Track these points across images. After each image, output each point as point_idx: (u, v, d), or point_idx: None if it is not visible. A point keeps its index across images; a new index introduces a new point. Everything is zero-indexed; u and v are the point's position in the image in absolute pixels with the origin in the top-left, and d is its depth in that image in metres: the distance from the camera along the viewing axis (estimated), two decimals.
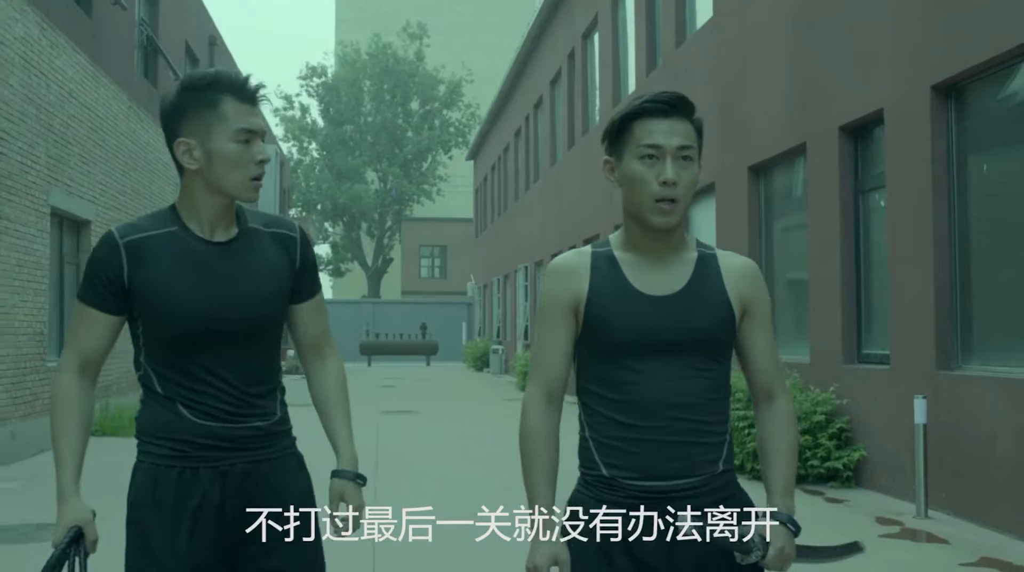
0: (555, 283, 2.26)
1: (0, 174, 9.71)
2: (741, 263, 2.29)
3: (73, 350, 2.37)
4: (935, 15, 7.49)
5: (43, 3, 10.96)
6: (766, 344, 2.28)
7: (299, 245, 2.46)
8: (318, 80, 51.50)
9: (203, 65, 20.84)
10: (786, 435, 2.25)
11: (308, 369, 2.57)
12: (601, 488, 2.19)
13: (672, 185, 2.12)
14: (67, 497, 2.27)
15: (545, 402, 2.26)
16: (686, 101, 2.20)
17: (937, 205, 7.47)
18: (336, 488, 2.43)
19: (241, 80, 2.31)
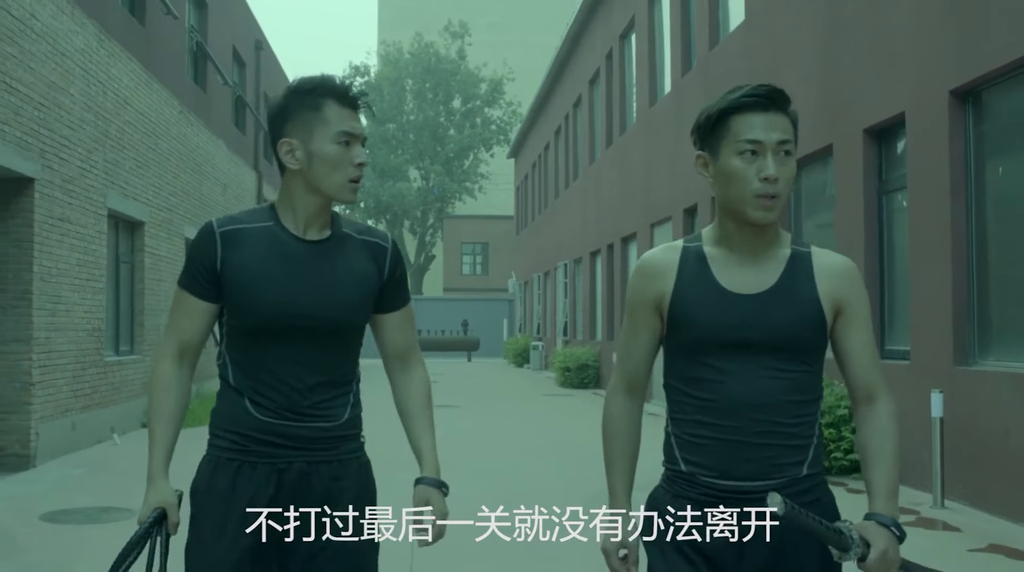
0: (640, 281, 2.26)
1: (62, 179, 10.27)
2: (836, 262, 2.22)
3: (172, 336, 2.43)
4: (952, 22, 7.74)
5: (101, 15, 11.52)
6: (863, 345, 2.20)
7: (389, 256, 2.50)
8: (361, 79, 52.10)
9: (250, 69, 21.46)
10: (888, 438, 2.18)
11: (393, 378, 2.62)
12: (680, 484, 2.20)
13: (774, 181, 2.08)
14: (156, 479, 2.34)
15: (626, 392, 2.31)
16: (783, 94, 2.14)
17: (955, 206, 7.73)
18: (421, 494, 2.46)
19: (344, 86, 2.39)
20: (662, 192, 16.48)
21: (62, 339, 10.36)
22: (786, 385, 2.12)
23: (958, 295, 7.70)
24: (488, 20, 63.07)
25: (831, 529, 1.96)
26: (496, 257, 50.38)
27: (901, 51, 8.51)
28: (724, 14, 13.98)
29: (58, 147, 10.16)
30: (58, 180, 10.17)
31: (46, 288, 9.86)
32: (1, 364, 9.53)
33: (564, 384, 21.70)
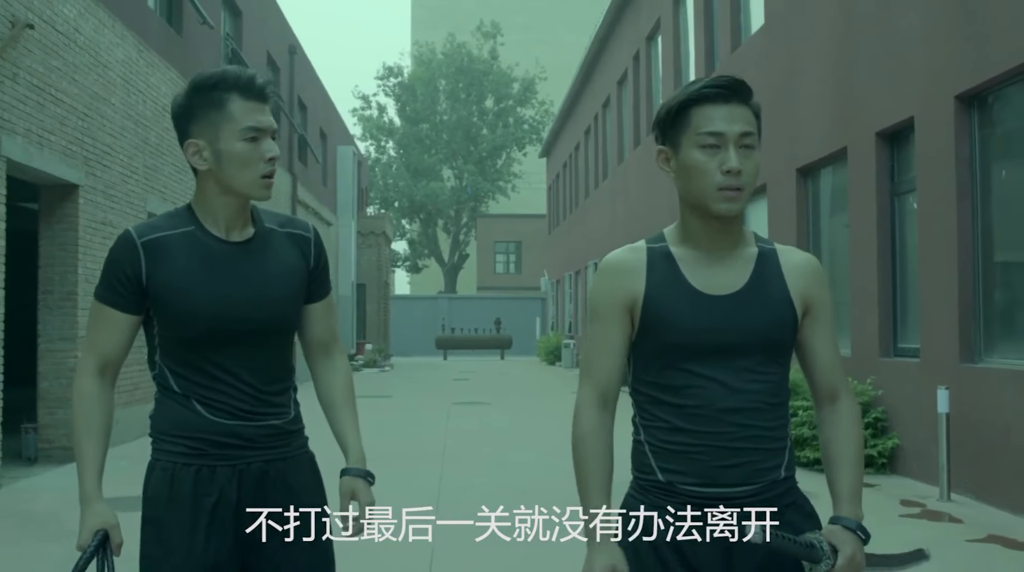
0: (609, 281, 2.15)
1: (105, 185, 10.75)
2: (803, 259, 2.18)
3: (92, 351, 2.36)
4: (958, 28, 7.96)
5: (140, 27, 11.99)
6: (828, 344, 2.17)
7: (313, 245, 2.47)
8: (394, 80, 52.68)
9: (284, 74, 21.96)
10: (851, 438, 2.14)
11: (315, 369, 2.58)
12: (657, 494, 2.11)
13: (736, 174, 2.01)
14: (91, 501, 2.27)
15: (598, 406, 2.15)
16: (744, 85, 2.08)
17: (961, 208, 7.95)
18: (346, 485, 2.42)
19: (247, 77, 2.29)
20: None
21: None
22: (764, 388, 2.07)
23: (964, 295, 7.92)
24: (520, 20, 63.40)
25: (804, 544, 1.96)
26: (529, 256, 50.74)
27: (910, 56, 8.74)
28: (745, 17, 14.21)
29: (101, 155, 10.64)
30: (101, 186, 10.65)
31: (90, 289, 10.34)
32: (49, 361, 10.03)
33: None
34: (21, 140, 8.71)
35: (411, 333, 41.19)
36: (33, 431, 9.90)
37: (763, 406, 2.07)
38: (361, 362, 28.89)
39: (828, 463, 2.16)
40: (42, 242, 10.09)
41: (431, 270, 56.89)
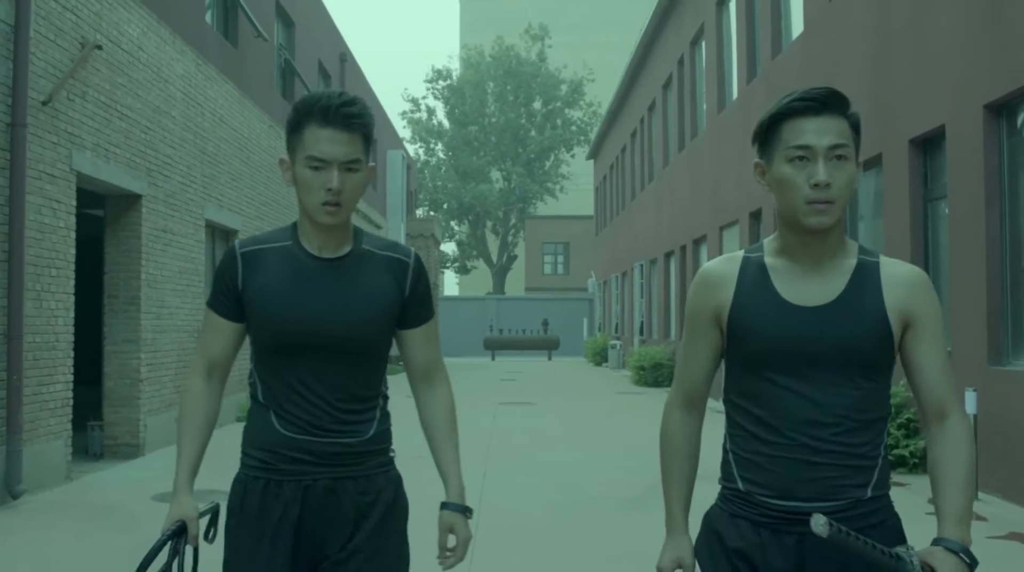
0: (700, 292, 2.20)
1: (165, 194, 11.29)
2: (906, 272, 2.12)
3: (201, 354, 2.49)
4: (988, 38, 8.15)
5: (198, 42, 12.54)
6: (934, 359, 2.09)
7: (411, 272, 2.48)
8: (443, 83, 53.23)
9: (334, 81, 22.50)
10: (961, 458, 2.06)
11: (417, 396, 2.60)
12: (737, 503, 2.13)
13: (825, 187, 2.00)
14: (179, 492, 2.37)
15: (684, 407, 2.25)
16: (838, 97, 2.07)
17: (990, 214, 8.15)
18: (445, 520, 2.47)
19: (324, 104, 2.31)
20: (730, 196, 16.94)
21: (166, 340, 11.38)
22: (849, 402, 2.04)
23: (992, 299, 8.11)
24: (568, 21, 63.68)
25: (887, 554, 1.86)
26: (577, 257, 51.00)
27: (941, 65, 8.94)
28: (787, 24, 14.41)
29: (162, 165, 11.18)
30: (162, 195, 11.19)
31: (152, 293, 10.88)
32: (113, 362, 10.58)
33: (639, 382, 22.25)
34: (90, 154, 9.25)
35: (460, 334, 41.65)
36: (99, 428, 10.45)
37: (847, 421, 2.03)
38: None
39: (934, 483, 2.07)
40: (107, 249, 10.64)
41: (480, 271, 57.37)
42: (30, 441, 8.14)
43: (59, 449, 8.75)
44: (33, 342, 8.23)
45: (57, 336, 8.74)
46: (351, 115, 2.31)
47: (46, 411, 8.52)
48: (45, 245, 8.46)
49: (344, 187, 2.31)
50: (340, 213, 2.34)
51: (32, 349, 8.21)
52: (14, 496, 7.78)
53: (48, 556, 6.20)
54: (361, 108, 2.34)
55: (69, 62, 8.77)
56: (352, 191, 2.34)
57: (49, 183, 8.47)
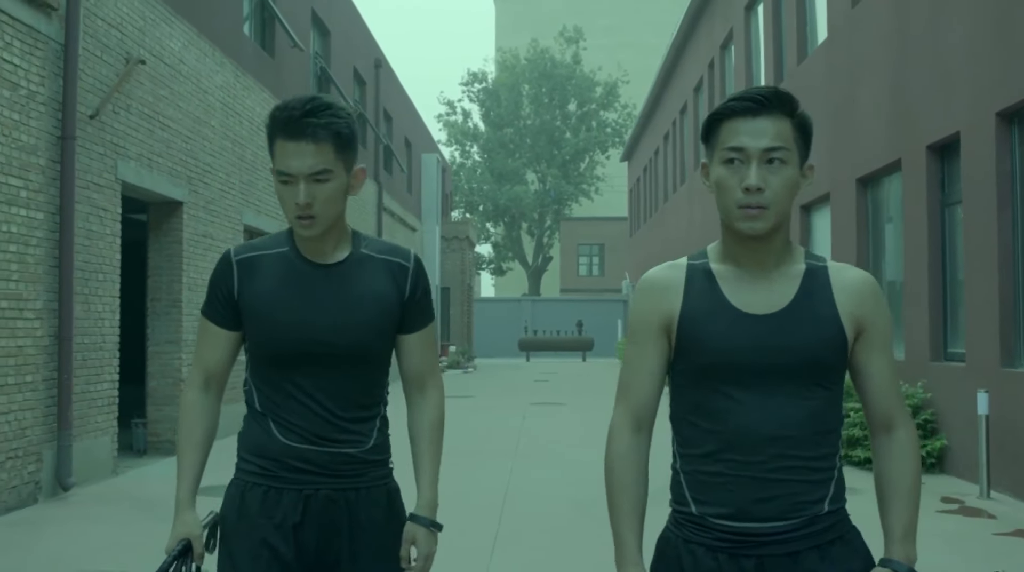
0: (645, 300, 2.07)
1: (205, 201, 11.74)
2: (856, 277, 2.03)
3: (197, 365, 2.42)
4: (1000, 47, 8.34)
5: (236, 53, 12.98)
6: (884, 368, 2.02)
7: (411, 275, 2.42)
8: (479, 86, 53.70)
9: (369, 87, 22.94)
10: (907, 471, 1.99)
11: (408, 401, 2.53)
12: (690, 527, 2.00)
13: (756, 191, 1.91)
14: (182, 510, 2.31)
15: (632, 429, 2.07)
16: (780, 96, 1.96)
17: (1002, 220, 8.34)
18: (408, 532, 2.40)
19: (284, 116, 2.23)
20: None
21: None
22: (807, 413, 1.94)
23: (1005, 302, 8.30)
24: (604, 23, 63.89)
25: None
26: (612, 258, 51.19)
27: (956, 73, 9.13)
28: (812, 30, 14.60)
29: (202, 173, 11.63)
30: (202, 202, 11.63)
31: (192, 296, 11.32)
32: (156, 363, 11.03)
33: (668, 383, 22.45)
34: (134, 164, 9.70)
35: (495, 335, 42.00)
36: (142, 426, 10.91)
37: (805, 433, 1.93)
38: (445, 364, 29.81)
39: (880, 497, 2.01)
40: (150, 254, 11.10)
41: (515, 273, 57.72)
42: (79, 437, 8.58)
43: (106, 445, 9.20)
44: (82, 343, 8.67)
45: (104, 337, 9.19)
46: (316, 125, 2.20)
47: (94, 408, 8.97)
48: (93, 251, 8.90)
49: (315, 199, 2.23)
50: (314, 225, 2.26)
51: (81, 350, 8.65)
52: (65, 488, 8.22)
53: (97, 544, 6.61)
54: (329, 116, 2.23)
55: (115, 77, 9.22)
56: (325, 202, 2.25)
57: (96, 192, 8.92)
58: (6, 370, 7.51)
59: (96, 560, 6.17)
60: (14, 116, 7.57)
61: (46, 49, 8.06)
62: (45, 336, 8.08)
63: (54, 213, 8.19)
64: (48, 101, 8.08)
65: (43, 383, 8.04)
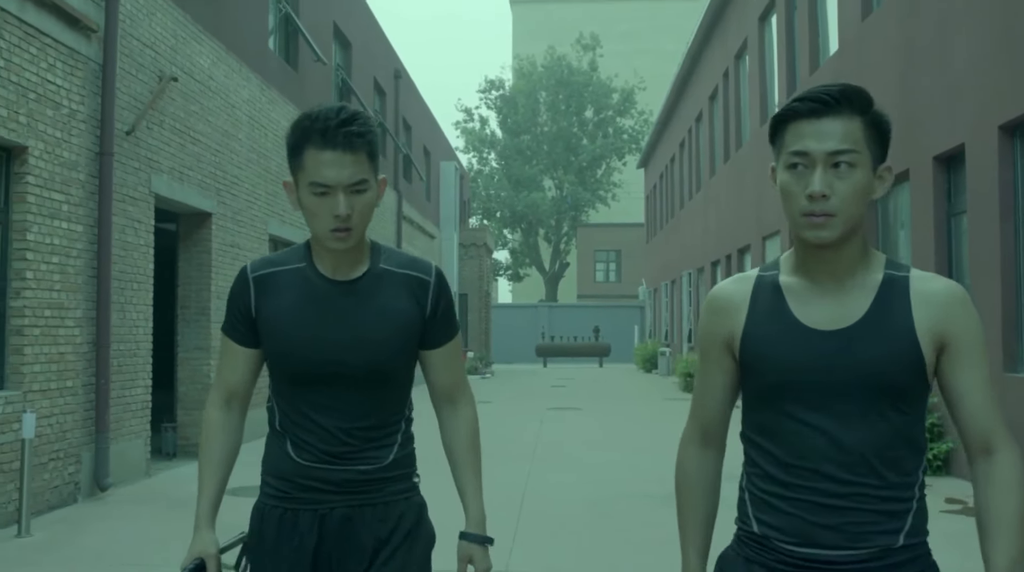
0: (710, 317, 2.01)
1: (233, 211, 12.13)
2: (940, 287, 1.87)
3: (219, 383, 2.40)
4: (1003, 61, 8.62)
5: (262, 68, 13.38)
6: (977, 385, 1.85)
7: (432, 289, 2.34)
8: (496, 93, 54.06)
9: (389, 97, 23.34)
10: (1012, 501, 1.81)
11: (439, 417, 2.48)
12: (752, 547, 1.93)
13: (821, 198, 1.79)
14: (200, 528, 2.28)
15: (701, 442, 2.06)
16: (849, 94, 1.83)
17: (1004, 229, 8.61)
18: (463, 551, 2.35)
19: (323, 124, 2.14)
20: (771, 207, 17.40)
21: None
22: (877, 437, 1.81)
23: (1007, 309, 8.57)
24: (621, 29, 64.16)
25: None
26: (629, 264, 51.44)
27: (962, 86, 9.41)
28: (824, 41, 14.88)
29: (230, 185, 12.02)
30: (230, 213, 12.02)
31: (221, 304, 11.70)
32: (186, 368, 11.42)
33: (686, 389, 22.71)
34: (166, 177, 10.09)
35: (513, 341, 42.31)
36: (172, 429, 11.30)
37: (873, 459, 1.81)
38: None
39: (983, 529, 1.84)
40: (180, 264, 11.49)
41: (532, 279, 58.03)
42: (115, 439, 8.96)
43: (140, 447, 9.58)
44: (118, 350, 9.06)
45: (138, 344, 9.58)
46: (353, 134, 2.15)
47: (128, 412, 9.36)
48: (128, 261, 9.29)
49: (353, 211, 2.17)
50: (351, 238, 2.20)
51: (117, 356, 9.04)
52: (102, 488, 8.61)
53: (134, 541, 6.98)
54: (363, 124, 2.18)
55: (148, 94, 9.61)
56: (362, 214, 2.20)
57: (131, 205, 9.31)
58: (48, 376, 7.89)
59: (139, 555, 6.53)
60: (57, 134, 7.97)
61: (86, 69, 8.46)
62: (84, 343, 8.47)
63: (92, 226, 8.58)
64: (88, 119, 8.48)
65: (82, 388, 8.43)
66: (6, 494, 7.25)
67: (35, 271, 7.69)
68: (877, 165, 1.86)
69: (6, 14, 7.25)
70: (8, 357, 7.50)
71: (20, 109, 7.44)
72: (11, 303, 7.52)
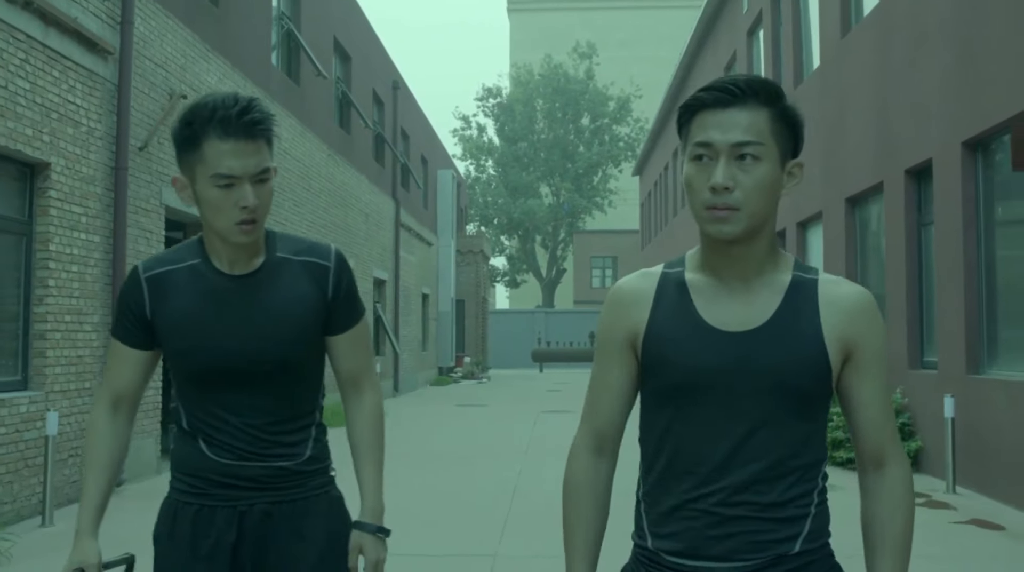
0: (611, 312, 1.89)
1: None
2: (848, 293, 1.80)
3: (106, 386, 2.31)
4: (966, 80, 9.16)
5: (265, 83, 13.92)
6: (874, 397, 1.80)
7: (332, 273, 2.28)
8: (494, 101, 54.68)
9: (388, 108, 23.89)
10: (898, 518, 1.78)
11: (344, 405, 2.41)
12: (646, 564, 1.83)
13: (724, 191, 1.70)
14: (80, 535, 2.20)
15: (593, 451, 1.92)
16: (755, 85, 1.75)
17: (967, 239, 9.15)
18: (355, 540, 2.27)
19: (222, 114, 2.06)
20: None
21: None
22: (778, 445, 1.74)
23: (970, 314, 9.10)
24: (619, 36, 64.78)
25: None
26: (625, 270, 51.91)
27: (930, 103, 9.96)
28: (808, 56, 15.44)
29: None
30: None
31: None
32: None
33: None
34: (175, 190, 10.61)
35: (509, 346, 42.85)
36: None
37: (773, 467, 1.74)
38: (460, 374, 30.69)
39: (868, 544, 1.81)
40: None
41: (529, 285, 58.59)
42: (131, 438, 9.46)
43: (151, 445, 10.09)
44: None
45: None
46: (254, 122, 2.09)
47: (140, 412, 9.87)
48: None
49: (260, 201, 2.13)
50: (256, 230, 2.15)
51: None
52: (118, 484, 9.12)
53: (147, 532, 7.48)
54: (261, 112, 2.12)
55: (160, 111, 10.14)
56: (267, 203, 2.16)
57: (143, 217, 9.83)
58: (68, 377, 8.41)
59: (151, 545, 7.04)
60: (76, 150, 8.50)
61: (103, 89, 8.99)
62: (100, 347, 8.98)
63: (108, 236, 9.10)
64: (104, 136, 9.01)
65: (99, 389, 8.92)
66: (31, 487, 7.78)
67: (56, 279, 8.22)
68: (786, 160, 1.78)
69: (32, 40, 7.79)
70: (32, 360, 8.02)
71: (44, 128, 7.97)
72: (35, 309, 8.04)
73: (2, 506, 7.36)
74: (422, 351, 29.61)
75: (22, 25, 7.62)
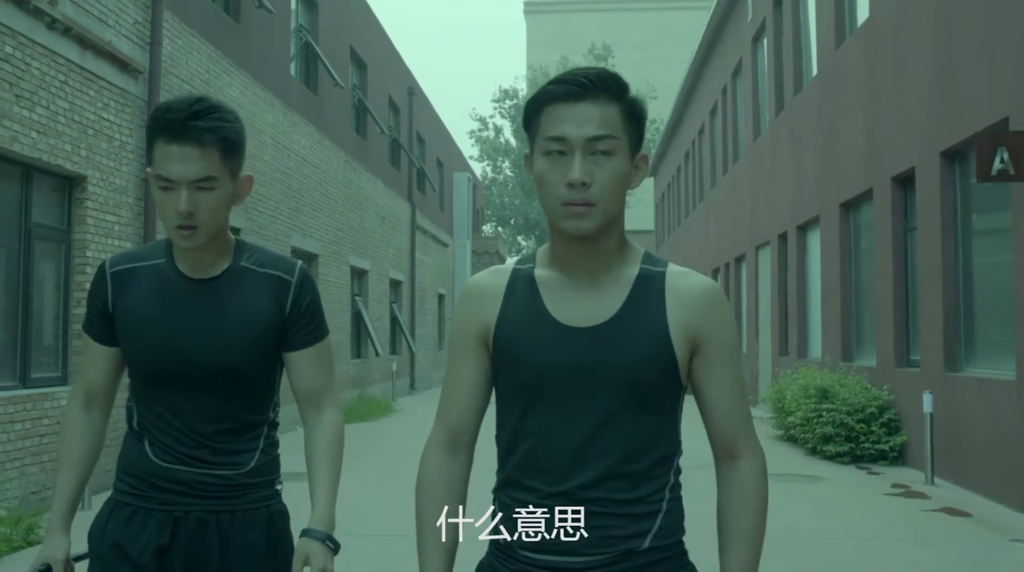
0: (463, 307, 1.89)
1: (259, 226, 13.31)
2: (694, 284, 1.80)
3: (79, 382, 2.33)
4: (944, 92, 9.68)
5: (284, 94, 14.57)
6: (725, 387, 1.80)
7: (293, 289, 2.25)
8: (510, 102, 55.23)
9: (403, 114, 24.52)
10: (749, 508, 1.79)
11: (303, 420, 2.35)
12: (500, 558, 1.84)
13: (581, 186, 1.69)
14: (51, 532, 2.21)
15: (446, 448, 1.90)
16: (606, 80, 1.74)
17: (946, 244, 9.67)
18: (301, 547, 2.15)
19: (171, 115, 2.05)
20: (763, 219, 18.47)
21: None
22: (626, 441, 1.74)
23: (948, 315, 9.63)
24: (634, 39, 65.07)
25: None
26: None
27: (913, 114, 10.48)
28: (807, 64, 15.94)
29: (256, 202, 13.20)
30: (256, 228, 13.20)
31: None
32: None
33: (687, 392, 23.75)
34: None
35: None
36: None
37: (621, 463, 1.75)
38: None
39: (721, 537, 1.82)
40: None
41: None
42: None
43: None
44: None
45: None
46: (202, 129, 2.05)
47: None
48: None
49: (198, 209, 2.08)
50: (196, 237, 2.11)
51: None
52: None
53: None
54: (217, 119, 2.08)
55: None
56: (210, 212, 2.11)
57: None
58: None
59: None
60: (110, 163, 9.16)
61: (133, 106, 9.65)
62: None
63: (139, 242, 9.75)
64: (135, 149, 9.66)
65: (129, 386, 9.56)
66: None
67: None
68: (634, 153, 1.78)
69: (71, 63, 8.44)
70: (71, 357, 8.67)
71: (81, 144, 8.63)
72: (73, 311, 8.69)
73: (45, 491, 8.01)
74: (438, 350, 30.27)
75: (62, 50, 8.28)
